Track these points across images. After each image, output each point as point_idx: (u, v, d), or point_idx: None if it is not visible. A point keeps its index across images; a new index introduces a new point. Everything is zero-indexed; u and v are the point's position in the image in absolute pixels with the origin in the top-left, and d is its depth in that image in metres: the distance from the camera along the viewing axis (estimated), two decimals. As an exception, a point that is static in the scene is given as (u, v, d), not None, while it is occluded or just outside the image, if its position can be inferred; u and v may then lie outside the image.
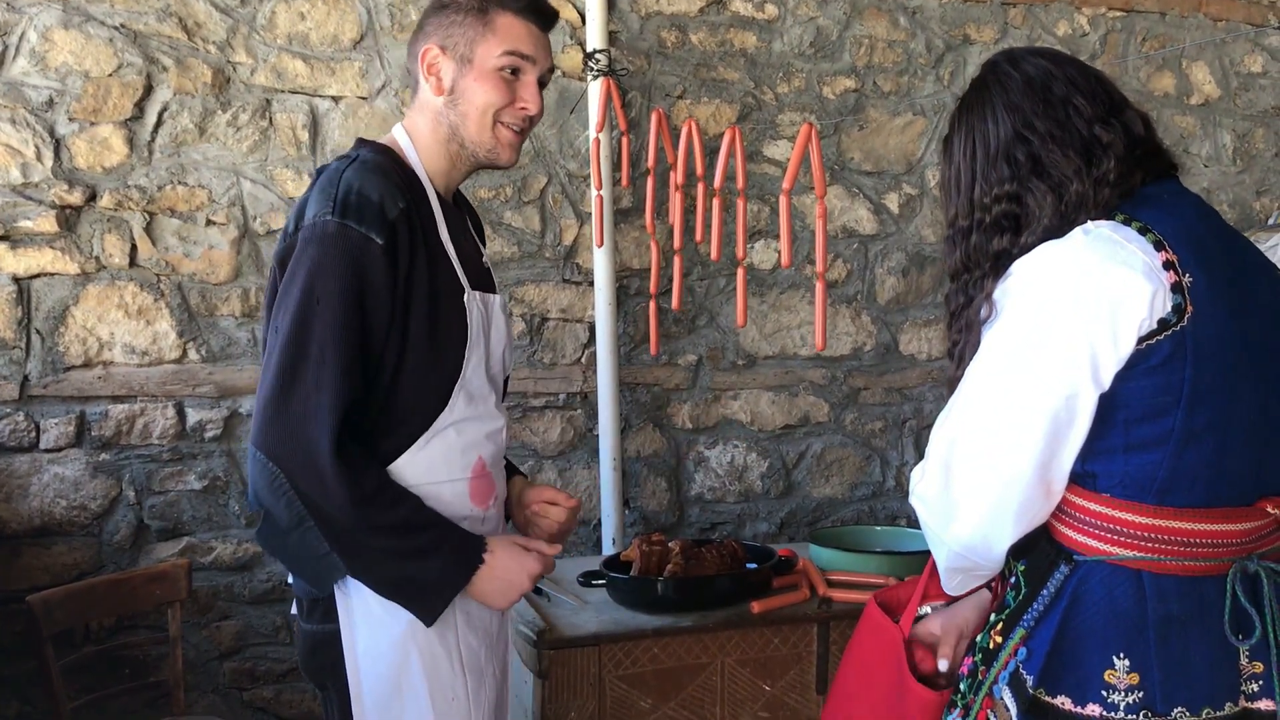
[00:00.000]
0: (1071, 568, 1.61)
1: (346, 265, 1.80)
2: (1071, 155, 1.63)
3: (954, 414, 1.64)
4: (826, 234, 2.48)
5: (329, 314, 1.79)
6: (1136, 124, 1.67)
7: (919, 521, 1.72)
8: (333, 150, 3.28)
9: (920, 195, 3.78)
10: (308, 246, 1.82)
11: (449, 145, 2.01)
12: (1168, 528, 1.56)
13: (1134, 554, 1.57)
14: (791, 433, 3.76)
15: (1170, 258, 1.53)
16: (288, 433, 1.78)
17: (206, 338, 3.25)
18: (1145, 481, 1.56)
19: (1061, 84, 1.67)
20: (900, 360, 3.83)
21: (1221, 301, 1.54)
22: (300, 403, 1.78)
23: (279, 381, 1.79)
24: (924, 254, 3.80)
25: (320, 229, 1.82)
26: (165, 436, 3.23)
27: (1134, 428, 1.55)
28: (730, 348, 3.68)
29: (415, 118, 2.03)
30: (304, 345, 1.78)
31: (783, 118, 3.65)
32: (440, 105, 1.98)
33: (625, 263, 3.55)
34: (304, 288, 1.80)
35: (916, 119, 3.75)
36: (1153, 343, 1.51)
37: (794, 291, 3.71)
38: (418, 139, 2.02)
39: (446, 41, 1.97)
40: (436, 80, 1.98)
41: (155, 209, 3.19)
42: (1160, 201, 1.62)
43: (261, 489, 1.81)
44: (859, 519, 3.82)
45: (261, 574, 3.34)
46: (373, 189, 1.85)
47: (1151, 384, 1.52)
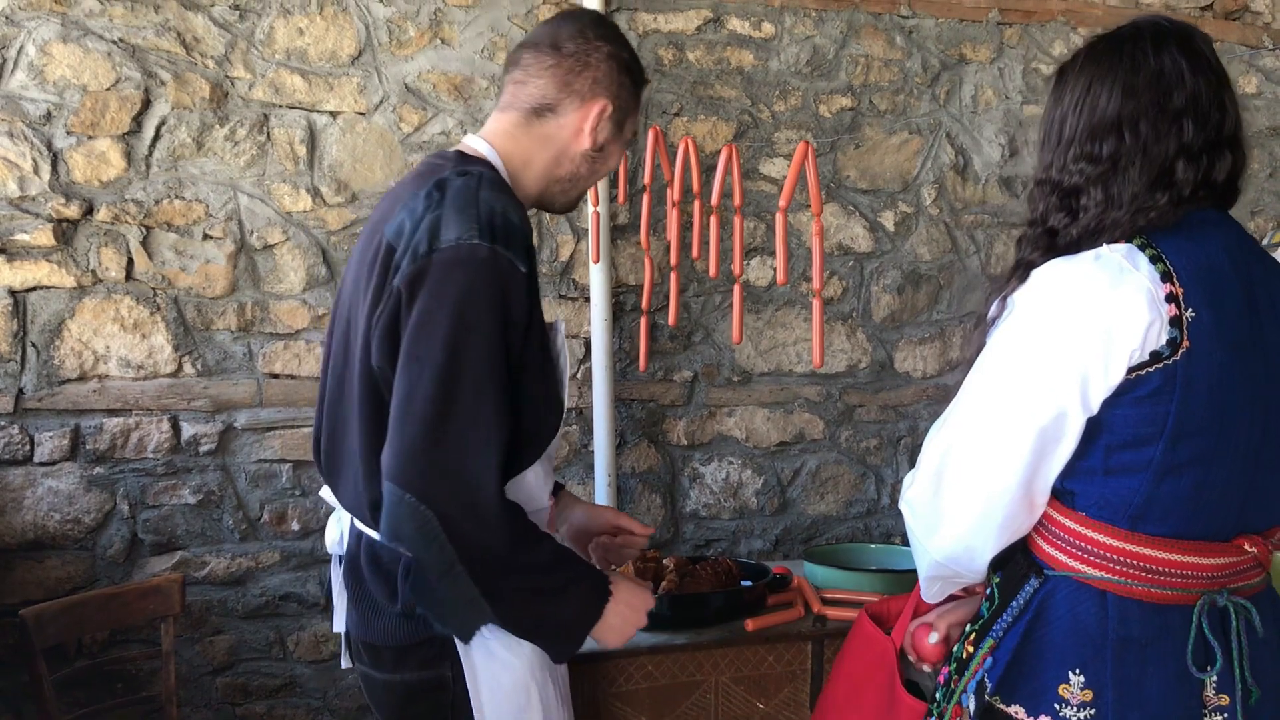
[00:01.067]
0: (1041, 581, 1.62)
1: (497, 292, 1.71)
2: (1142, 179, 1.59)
3: (949, 423, 1.64)
4: (823, 251, 2.48)
5: (483, 344, 1.69)
6: (1222, 168, 1.61)
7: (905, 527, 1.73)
8: (330, 166, 3.29)
9: (916, 213, 3.79)
10: (452, 270, 1.69)
11: (553, 184, 2.01)
12: (1137, 553, 1.56)
13: (1101, 574, 1.58)
14: (786, 449, 3.76)
15: (1175, 290, 1.52)
16: (445, 471, 1.67)
17: (202, 352, 3.25)
18: (1120, 506, 1.56)
19: (1184, 95, 1.59)
20: (895, 378, 3.84)
21: (1225, 340, 1.53)
22: (457, 438, 1.67)
23: (431, 416, 1.66)
24: (919, 272, 3.81)
25: (468, 253, 1.70)
26: (160, 450, 3.22)
27: (1115, 453, 1.55)
28: (726, 364, 3.68)
29: (528, 147, 1.97)
30: (458, 377, 1.67)
31: (779, 135, 3.66)
32: (579, 155, 1.99)
33: (621, 279, 3.55)
34: (454, 315, 1.68)
35: (912, 138, 3.77)
36: (1143, 373, 1.51)
37: (789, 308, 3.71)
38: (519, 165, 1.97)
39: (616, 102, 1.99)
40: (593, 133, 1.97)
41: (152, 223, 3.19)
42: (1190, 230, 1.59)
43: (407, 534, 1.68)
44: (854, 536, 3.82)
45: (255, 589, 3.33)
46: (513, 212, 1.78)
47: (1137, 413, 1.52)
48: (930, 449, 1.65)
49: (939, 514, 1.63)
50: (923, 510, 1.66)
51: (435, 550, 1.68)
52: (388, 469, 1.69)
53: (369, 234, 1.91)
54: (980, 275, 3.84)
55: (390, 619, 1.85)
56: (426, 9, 3.36)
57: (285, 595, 3.36)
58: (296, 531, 3.35)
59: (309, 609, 3.38)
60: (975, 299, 3.83)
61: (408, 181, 1.94)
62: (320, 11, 3.28)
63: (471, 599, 1.72)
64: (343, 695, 3.43)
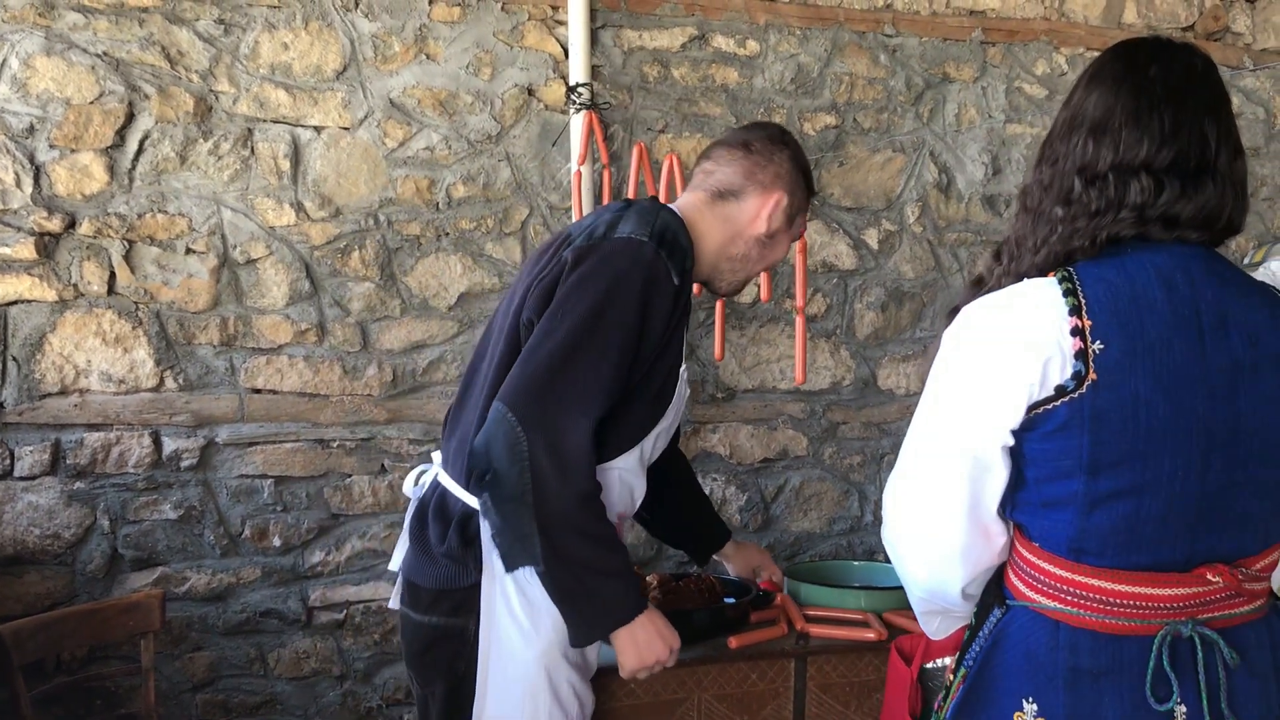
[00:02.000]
0: (1003, 611, 1.64)
1: (648, 285, 1.93)
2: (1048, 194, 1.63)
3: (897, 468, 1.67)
4: (806, 268, 2.51)
5: (622, 319, 1.90)
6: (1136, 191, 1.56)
7: None
8: (313, 180, 3.29)
9: (899, 231, 3.81)
10: (618, 255, 1.94)
11: (724, 261, 2.23)
12: (1084, 584, 1.56)
13: (1054, 604, 1.59)
14: (770, 466, 3.77)
15: (1082, 324, 1.51)
16: (551, 404, 1.85)
17: (184, 366, 3.24)
18: (1058, 538, 1.57)
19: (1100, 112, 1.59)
20: (879, 395, 3.85)
21: (1143, 370, 1.50)
22: (573, 383, 1.86)
23: (560, 355, 1.87)
24: (902, 289, 3.83)
25: (636, 246, 1.95)
26: (141, 465, 3.21)
27: (1043, 486, 1.57)
28: (710, 380, 3.69)
29: (709, 220, 2.21)
30: (594, 334, 1.88)
31: (764, 153, 3.67)
32: (752, 237, 2.23)
33: (606, 295, 3.56)
34: (608, 288, 1.90)
35: (896, 156, 3.79)
36: (1049, 408, 1.52)
37: (773, 325, 3.72)
38: (699, 235, 2.19)
39: (790, 198, 2.25)
40: (769, 220, 2.23)
41: (135, 236, 3.18)
42: (1118, 260, 1.57)
43: (499, 449, 1.85)
44: (837, 553, 3.82)
45: (235, 605, 3.31)
46: (683, 238, 2.06)
47: (1052, 447, 1.53)
48: (888, 496, 1.68)
49: (905, 550, 1.66)
50: (891, 546, 1.69)
51: (515, 472, 1.84)
52: (503, 390, 1.88)
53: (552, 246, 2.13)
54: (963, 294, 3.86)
55: (436, 562, 2.04)
56: (411, 24, 3.37)
57: (266, 611, 3.35)
58: (278, 547, 3.33)
59: (290, 625, 3.36)
60: (958, 316, 3.84)
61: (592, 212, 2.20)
62: (305, 26, 3.28)
63: (528, 534, 1.86)
64: (324, 713, 3.42)
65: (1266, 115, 4.15)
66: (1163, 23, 4.05)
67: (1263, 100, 4.14)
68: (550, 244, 2.11)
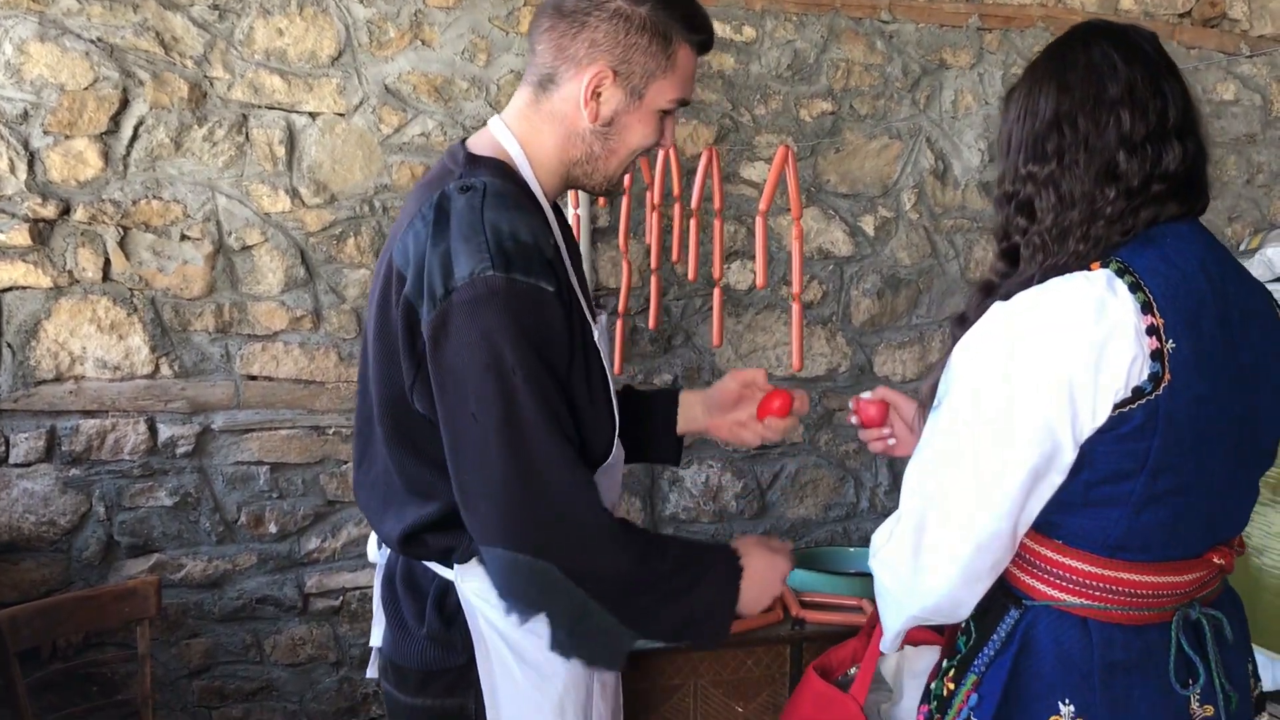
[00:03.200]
0: (1021, 612, 1.60)
1: (528, 322, 1.62)
2: (1088, 174, 1.56)
3: (929, 470, 1.58)
4: (802, 255, 2.49)
5: (532, 381, 1.61)
6: (1171, 157, 1.55)
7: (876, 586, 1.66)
8: (309, 167, 3.28)
9: (896, 218, 3.81)
10: (476, 311, 1.60)
11: (573, 167, 1.84)
12: (1116, 578, 1.55)
13: (1081, 601, 1.57)
14: (766, 453, 3.77)
15: (1156, 322, 1.47)
16: (552, 519, 1.63)
17: (179, 353, 3.24)
18: (1099, 536, 1.55)
19: (1119, 85, 1.56)
20: (875, 381, 3.84)
21: (1204, 369, 1.49)
22: (549, 482, 1.62)
23: (513, 471, 1.61)
24: (899, 276, 3.83)
25: (485, 287, 1.60)
26: (136, 452, 3.21)
27: (1095, 488, 1.52)
28: (706, 367, 3.69)
29: (539, 127, 1.82)
30: (520, 425, 1.60)
31: (760, 139, 3.67)
32: (587, 131, 1.80)
33: (602, 281, 3.56)
34: (492, 360, 1.60)
35: (892, 142, 3.78)
36: (1126, 411, 1.47)
37: (769, 312, 3.72)
38: (536, 152, 1.83)
39: (621, 67, 1.77)
40: (596, 106, 1.78)
41: (129, 223, 3.18)
42: (1163, 246, 1.54)
43: (532, 595, 1.66)
44: (833, 540, 3.83)
45: (232, 591, 3.32)
46: (522, 227, 1.66)
47: (1118, 450, 1.50)
48: (910, 502, 1.59)
49: (920, 569, 1.57)
50: (903, 567, 1.58)
51: (564, 599, 1.65)
52: (488, 535, 1.64)
53: (385, 250, 1.84)
54: (959, 280, 3.86)
55: (418, 642, 1.84)
56: (407, 10, 3.36)
57: (262, 598, 3.35)
58: (274, 534, 3.34)
59: (286, 612, 3.37)
60: (955, 303, 3.84)
61: (419, 189, 1.85)
62: (300, 12, 3.28)
63: (611, 629, 1.69)
64: (320, 698, 3.42)
65: (1263, 101, 4.14)
66: (1159, 9, 4.04)
67: (1259, 86, 4.14)
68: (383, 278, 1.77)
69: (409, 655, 1.84)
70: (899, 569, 1.59)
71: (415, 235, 1.71)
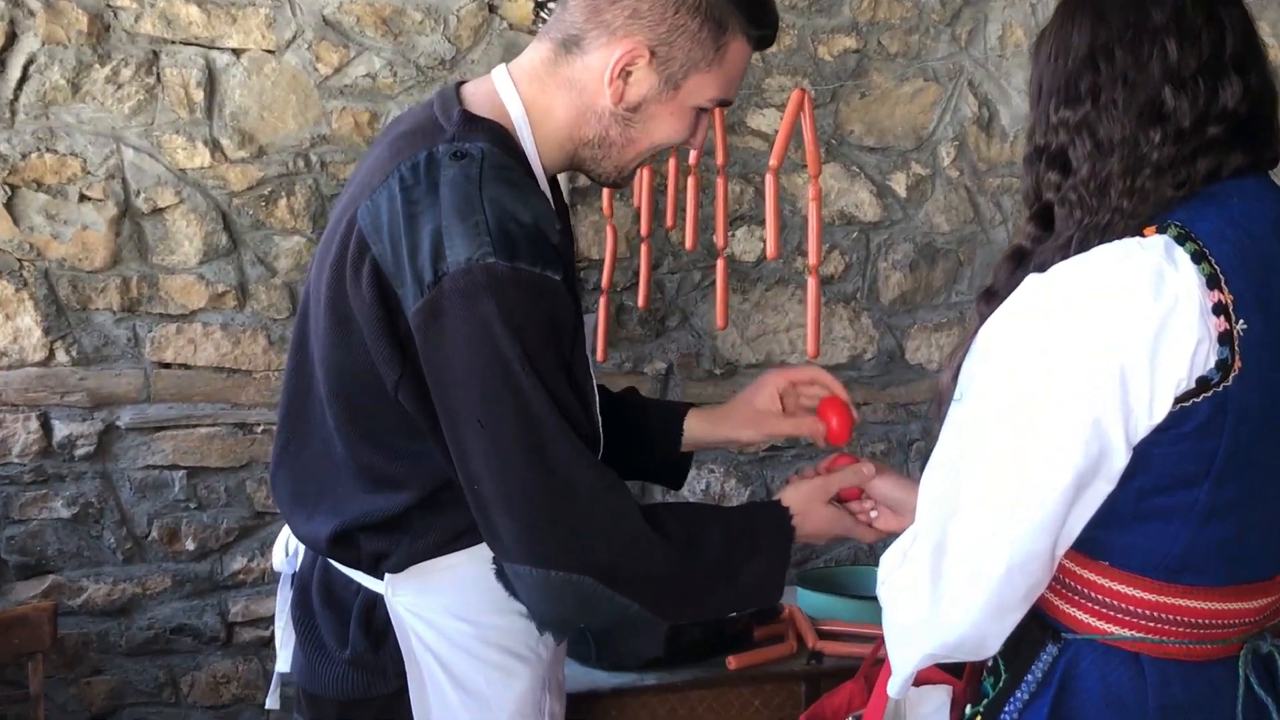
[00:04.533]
0: (1060, 647, 1.59)
1: (535, 316, 1.65)
2: (1128, 114, 1.54)
3: (949, 477, 1.56)
4: (821, 220, 2.49)
5: (545, 380, 1.65)
6: (1229, 94, 1.52)
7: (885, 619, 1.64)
8: (232, 114, 3.28)
9: (932, 175, 3.81)
10: (475, 302, 1.62)
11: (582, 147, 1.86)
12: (1176, 606, 1.53)
13: (1133, 633, 1.55)
14: (778, 455, 3.78)
15: (1224, 299, 1.45)
16: (586, 528, 1.67)
17: (78, 336, 3.24)
18: (1156, 556, 1.53)
19: (1164, 11, 1.54)
20: (906, 371, 3.85)
21: (1275, 353, 1.48)
22: (576, 489, 1.67)
23: (539, 481, 1.65)
24: (935, 245, 3.83)
25: (486, 276, 1.62)
26: (27, 454, 3.21)
27: (1150, 497, 1.50)
28: (706, 354, 3.69)
29: (552, 93, 1.83)
30: (536, 430, 1.64)
31: (770, 82, 3.67)
32: (605, 111, 1.81)
33: (582, 251, 3.56)
34: (497, 358, 1.63)
35: (928, 85, 3.79)
36: (1189, 405, 1.45)
37: (782, 288, 3.73)
38: (543, 120, 1.84)
39: (660, 49, 1.77)
40: (622, 87, 1.78)
41: (18, 181, 3.17)
42: (1228, 206, 1.52)
43: (569, 611, 1.72)
44: (856, 558, 3.83)
45: (142, 619, 3.32)
46: (524, 208, 1.68)
47: (1179, 451, 1.48)
48: (926, 517, 1.57)
49: (939, 598, 1.54)
50: (919, 597, 1.56)
51: (605, 610, 1.71)
52: (512, 553, 1.68)
53: (342, 207, 1.84)
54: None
55: (338, 667, 1.85)
56: (349, -73, 3.35)
57: (178, 628, 3.35)
58: (191, 552, 3.34)
59: (206, 644, 3.37)
60: (1001, 277, 3.85)
61: (395, 140, 1.83)
62: (221, -71, 3.27)
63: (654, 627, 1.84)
64: (247, 747, 3.43)
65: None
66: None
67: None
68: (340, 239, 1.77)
69: (326, 682, 1.84)
70: (913, 598, 1.57)
71: (390, 198, 1.71)
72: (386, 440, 1.78)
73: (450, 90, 1.88)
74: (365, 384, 1.76)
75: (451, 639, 1.81)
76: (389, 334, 1.71)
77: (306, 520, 1.89)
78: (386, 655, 1.82)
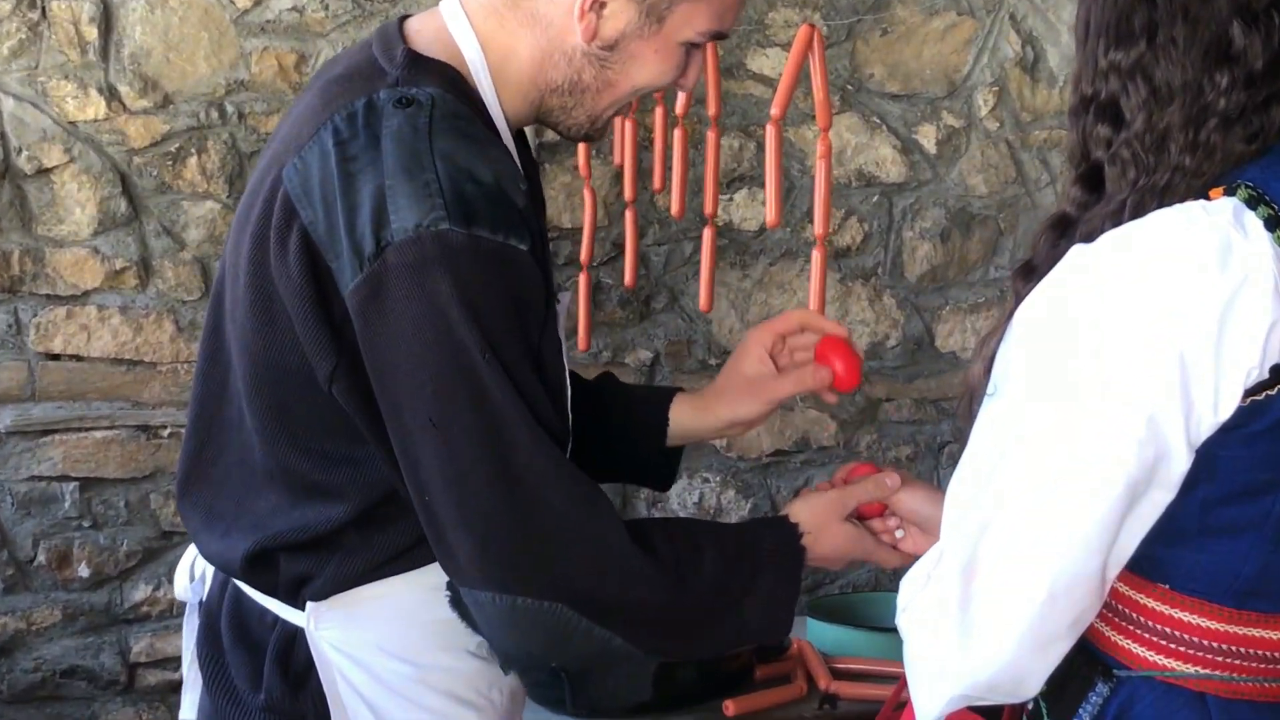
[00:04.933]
0: (1111, 686, 1.59)
1: (497, 293, 1.65)
2: (1190, 55, 1.54)
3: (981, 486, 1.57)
4: (830, 181, 2.49)
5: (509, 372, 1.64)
6: None
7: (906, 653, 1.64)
8: (132, 55, 3.27)
9: (967, 127, 3.81)
10: (425, 278, 1.62)
11: (549, 94, 1.86)
12: (1248, 637, 1.54)
13: (1198, 670, 1.55)
14: (785, 461, 3.78)
15: None
16: (558, 548, 1.67)
17: (-51, 322, 3.24)
18: (1224, 578, 1.53)
19: None
20: (936, 360, 3.86)
21: None
22: (549, 500, 1.67)
23: (502, 492, 1.65)
24: (970, 211, 3.84)
25: (439, 246, 1.62)
26: (-112, 463, 3.21)
27: (1216, 509, 1.51)
28: (699, 340, 3.70)
29: (513, 30, 1.82)
30: (498, 431, 1.64)
31: (775, 16, 3.67)
32: (576, 51, 1.80)
33: (553, 219, 3.55)
34: (452, 345, 1.63)
35: (962, 20, 3.79)
36: (1261, 399, 1.46)
37: (788, 262, 3.73)
38: (503, 63, 1.83)
39: None
40: (594, 21, 1.77)
41: (-125, 136, 3.17)
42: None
43: (537, 643, 1.72)
44: (876, 584, 3.84)
45: (26, 660, 3.32)
46: (482, 165, 1.68)
47: (1250, 454, 1.48)
48: (954, 533, 1.58)
49: (970, 629, 1.54)
50: (945, 628, 1.56)
51: (581, 645, 1.71)
52: (476, 577, 1.67)
53: (265, 166, 1.83)
54: (1056, 215, 3.87)
55: (251, 715, 1.85)
56: None
57: (70, 670, 3.35)
58: (86, 579, 3.33)
59: (104, 689, 3.37)
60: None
61: (325, 85, 1.84)
62: None
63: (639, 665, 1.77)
64: (153, 811, 3.43)
65: None
66: None
67: None
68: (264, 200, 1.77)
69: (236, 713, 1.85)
70: (939, 630, 1.57)
71: (322, 154, 1.71)
72: (318, 444, 1.77)
73: (392, 27, 1.87)
74: (293, 377, 1.76)
75: (386, 682, 1.80)
76: (321, 317, 1.70)
77: (220, 538, 1.89)
78: (308, 700, 1.82)
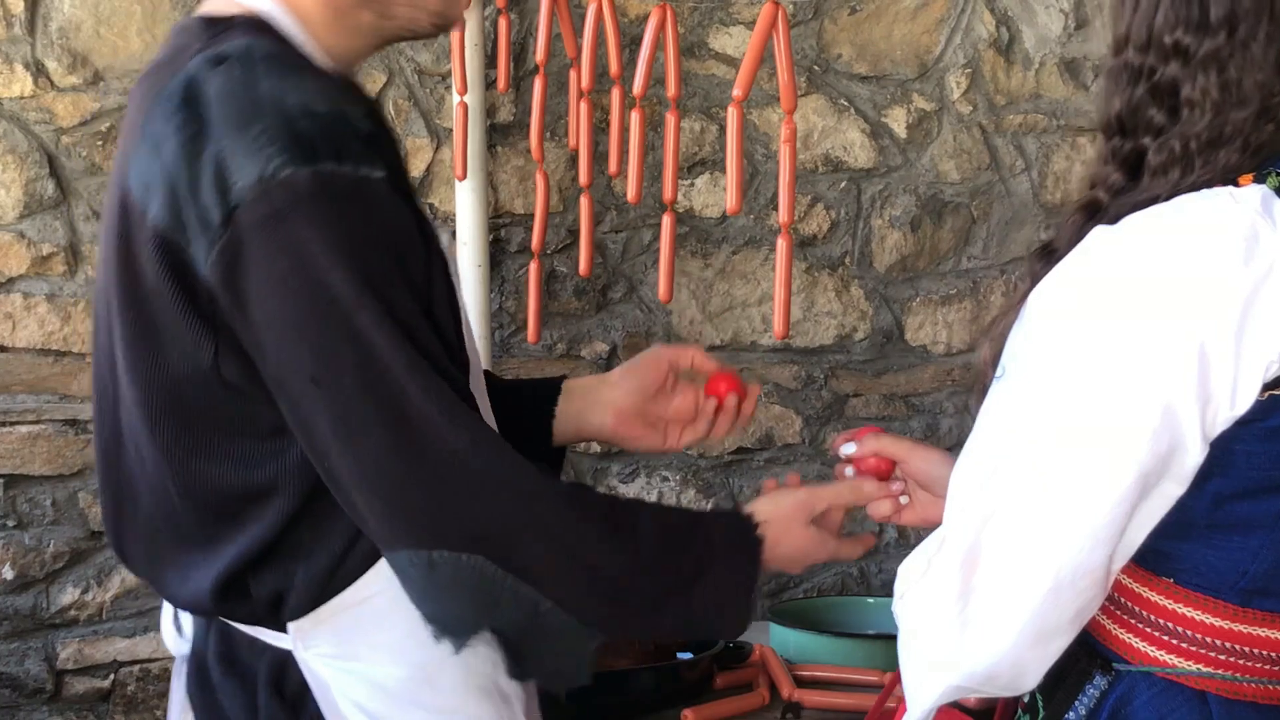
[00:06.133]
0: (1109, 680, 1.61)
1: (358, 230, 1.63)
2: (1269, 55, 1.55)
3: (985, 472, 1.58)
4: (794, 166, 2.48)
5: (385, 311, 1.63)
6: None
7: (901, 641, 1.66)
8: (60, 29, 3.25)
9: (939, 111, 3.82)
10: (278, 231, 1.61)
11: (356, 13, 1.80)
12: (1253, 637, 1.56)
13: (1199, 668, 1.57)
14: (747, 459, 3.78)
15: None
16: (468, 494, 1.67)
17: None
18: (1231, 574, 1.55)
19: None
20: (907, 354, 3.86)
21: None
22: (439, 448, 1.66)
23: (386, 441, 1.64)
24: (942, 198, 3.84)
25: (286, 194, 1.60)
26: None
27: (1228, 504, 1.53)
28: (659, 332, 3.69)
29: None
30: (385, 375, 1.63)
31: (738, -7, 3.67)
32: None
33: (504, 204, 3.55)
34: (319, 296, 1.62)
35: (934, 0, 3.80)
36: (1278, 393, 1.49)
37: (752, 251, 3.73)
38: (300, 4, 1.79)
39: None
40: None
41: None
42: None
43: (463, 604, 1.72)
44: (844, 587, 3.85)
45: (-53, 668, 3.30)
46: (316, 96, 1.67)
47: (1266, 450, 1.50)
48: (957, 520, 1.59)
49: (970, 619, 1.56)
50: (944, 617, 1.57)
51: (508, 604, 1.71)
52: (390, 536, 1.68)
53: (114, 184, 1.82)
54: (1032, 203, 3.88)
55: None
56: None
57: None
58: (10, 581, 3.33)
59: (29, 698, 3.36)
60: (1025, 237, 3.86)
61: (140, 85, 1.83)
62: None
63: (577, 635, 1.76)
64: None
65: None
66: None
67: None
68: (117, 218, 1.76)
69: None
70: (938, 618, 1.58)
71: (154, 144, 1.69)
72: (234, 446, 1.75)
73: (188, 18, 1.87)
74: (186, 385, 1.74)
75: (390, 690, 1.79)
76: (190, 309, 1.68)
77: (181, 584, 1.86)
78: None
